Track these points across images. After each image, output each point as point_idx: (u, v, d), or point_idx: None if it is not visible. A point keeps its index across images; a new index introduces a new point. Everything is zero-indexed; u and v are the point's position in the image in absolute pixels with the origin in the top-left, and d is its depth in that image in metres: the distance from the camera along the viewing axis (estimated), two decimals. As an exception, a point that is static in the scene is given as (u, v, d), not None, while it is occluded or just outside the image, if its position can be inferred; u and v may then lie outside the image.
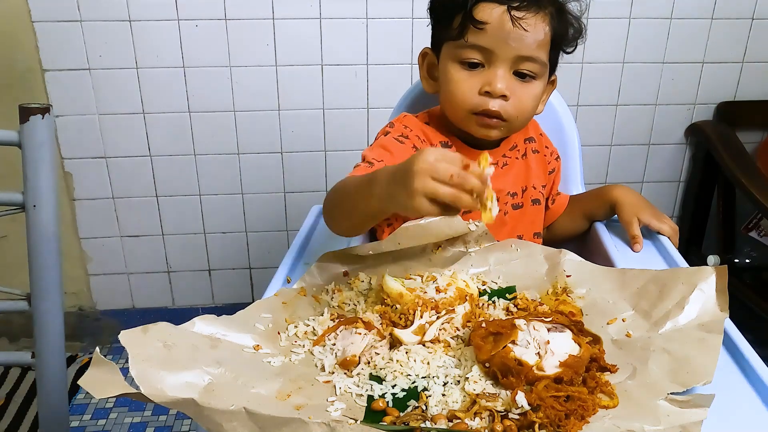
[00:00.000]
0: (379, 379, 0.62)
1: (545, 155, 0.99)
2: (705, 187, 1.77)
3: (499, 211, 0.90)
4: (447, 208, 0.61)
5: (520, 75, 0.84)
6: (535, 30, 0.82)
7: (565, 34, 0.87)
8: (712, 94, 1.72)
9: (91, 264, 1.75)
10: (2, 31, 1.48)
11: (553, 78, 0.93)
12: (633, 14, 1.61)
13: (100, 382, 0.52)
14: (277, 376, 0.61)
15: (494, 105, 0.83)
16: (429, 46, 0.93)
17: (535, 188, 0.95)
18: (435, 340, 0.66)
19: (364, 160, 0.86)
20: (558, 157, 1.02)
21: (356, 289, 0.76)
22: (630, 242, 0.89)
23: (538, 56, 0.83)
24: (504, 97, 0.83)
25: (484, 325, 0.64)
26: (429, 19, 0.91)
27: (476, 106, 0.84)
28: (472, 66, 0.84)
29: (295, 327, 0.69)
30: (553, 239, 1.03)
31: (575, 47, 0.90)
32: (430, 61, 0.92)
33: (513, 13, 0.80)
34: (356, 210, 0.72)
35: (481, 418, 0.55)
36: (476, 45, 0.82)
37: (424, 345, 0.66)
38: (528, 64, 0.83)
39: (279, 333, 0.68)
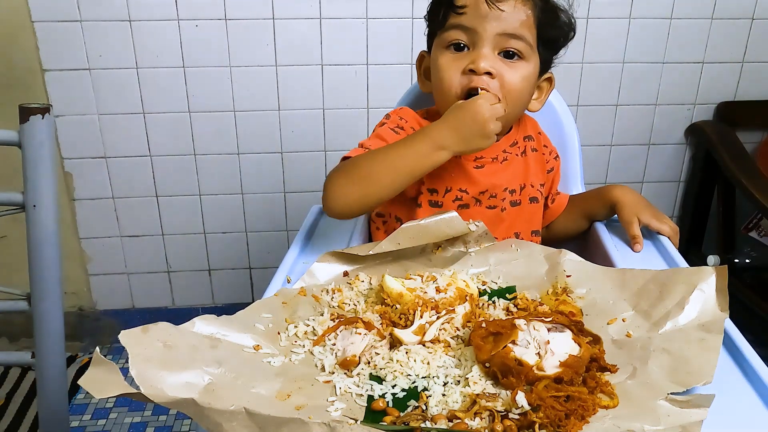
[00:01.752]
0: (379, 379, 0.62)
1: (544, 154, 0.99)
2: (705, 187, 1.77)
3: (497, 207, 0.91)
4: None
5: (507, 56, 0.85)
6: (515, 11, 0.83)
7: (552, 24, 0.88)
8: (712, 94, 1.72)
9: (91, 264, 1.75)
10: (2, 31, 1.48)
11: (549, 76, 0.94)
12: (633, 14, 1.61)
13: (100, 382, 0.52)
14: (277, 376, 0.61)
15: (479, 81, 0.83)
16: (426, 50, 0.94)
17: (533, 186, 0.95)
18: (435, 340, 0.66)
19: (361, 146, 0.89)
20: (557, 156, 1.02)
21: (356, 289, 0.76)
22: (630, 242, 0.89)
23: (522, 34, 0.84)
24: (490, 75, 0.83)
25: (484, 325, 0.64)
26: (426, 26, 0.93)
27: (461, 85, 0.84)
28: (458, 49, 0.85)
29: (295, 327, 0.68)
30: (552, 239, 1.03)
31: (568, 40, 0.91)
32: (426, 64, 0.94)
33: None
34: (390, 172, 0.81)
35: (481, 418, 0.55)
36: (458, 24, 0.84)
37: (424, 345, 0.66)
38: (513, 41, 0.84)
39: (279, 333, 0.68)
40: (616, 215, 0.93)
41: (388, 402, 0.58)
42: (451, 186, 0.90)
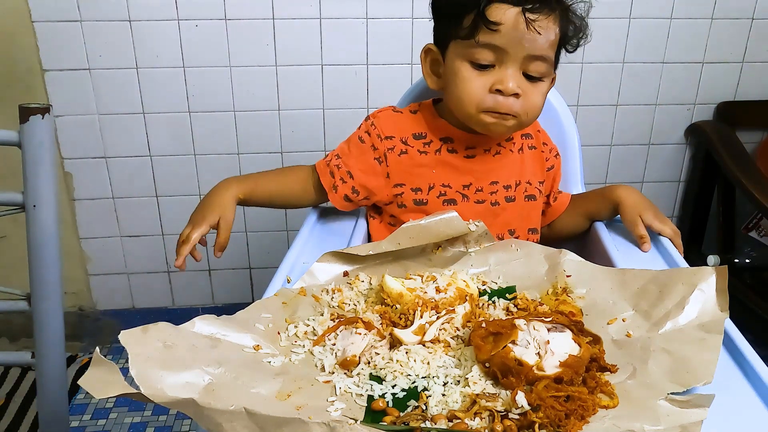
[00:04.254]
0: (379, 379, 0.62)
1: (543, 151, 0.99)
2: (705, 187, 1.77)
3: (486, 202, 0.92)
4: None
5: (529, 75, 0.84)
6: (547, 31, 0.82)
7: (570, 34, 0.87)
8: (712, 94, 1.72)
9: (91, 264, 1.75)
10: (2, 31, 1.48)
11: (552, 76, 0.93)
12: (633, 14, 1.61)
13: (100, 382, 0.52)
14: (277, 376, 0.61)
15: (506, 103, 0.83)
16: (431, 42, 0.91)
17: (530, 184, 0.95)
18: (435, 340, 0.66)
19: (332, 152, 0.94)
20: (557, 154, 1.02)
21: (356, 289, 0.76)
22: (638, 242, 0.88)
23: (548, 56, 0.83)
24: (515, 95, 0.83)
25: (484, 325, 0.64)
26: (431, 15, 0.90)
27: (486, 105, 0.83)
28: (483, 67, 0.83)
29: (295, 327, 0.69)
30: (553, 238, 1.03)
31: (577, 47, 0.90)
32: (434, 58, 0.91)
33: (527, 15, 0.79)
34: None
35: (481, 418, 0.55)
36: (489, 44, 0.81)
37: (424, 345, 0.66)
38: (538, 63, 0.83)
39: (279, 333, 0.68)
40: (618, 215, 0.93)
41: (388, 402, 0.59)
42: (433, 182, 0.90)
